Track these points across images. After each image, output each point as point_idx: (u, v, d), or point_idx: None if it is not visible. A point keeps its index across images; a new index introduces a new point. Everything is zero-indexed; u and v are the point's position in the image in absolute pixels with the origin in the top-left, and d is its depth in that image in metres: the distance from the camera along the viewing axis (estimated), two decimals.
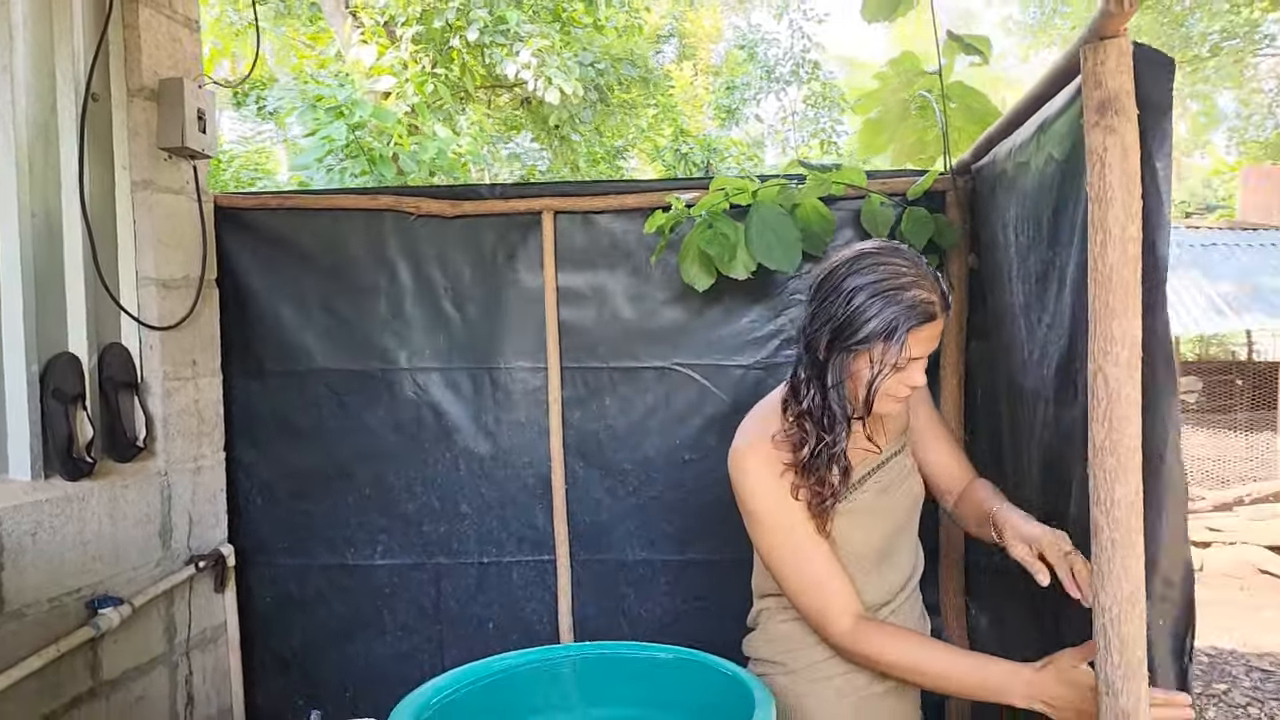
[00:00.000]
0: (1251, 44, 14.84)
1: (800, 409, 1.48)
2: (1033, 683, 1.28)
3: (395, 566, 2.47)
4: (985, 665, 1.36)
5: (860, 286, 1.38)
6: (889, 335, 1.36)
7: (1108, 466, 1.12)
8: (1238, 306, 8.07)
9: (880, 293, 1.37)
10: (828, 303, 1.42)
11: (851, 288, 1.39)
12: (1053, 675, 1.26)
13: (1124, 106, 1.18)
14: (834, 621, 1.43)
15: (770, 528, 1.48)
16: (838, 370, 1.43)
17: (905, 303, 1.36)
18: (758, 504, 1.49)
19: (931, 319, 1.38)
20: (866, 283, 1.38)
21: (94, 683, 1.96)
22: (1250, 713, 4.36)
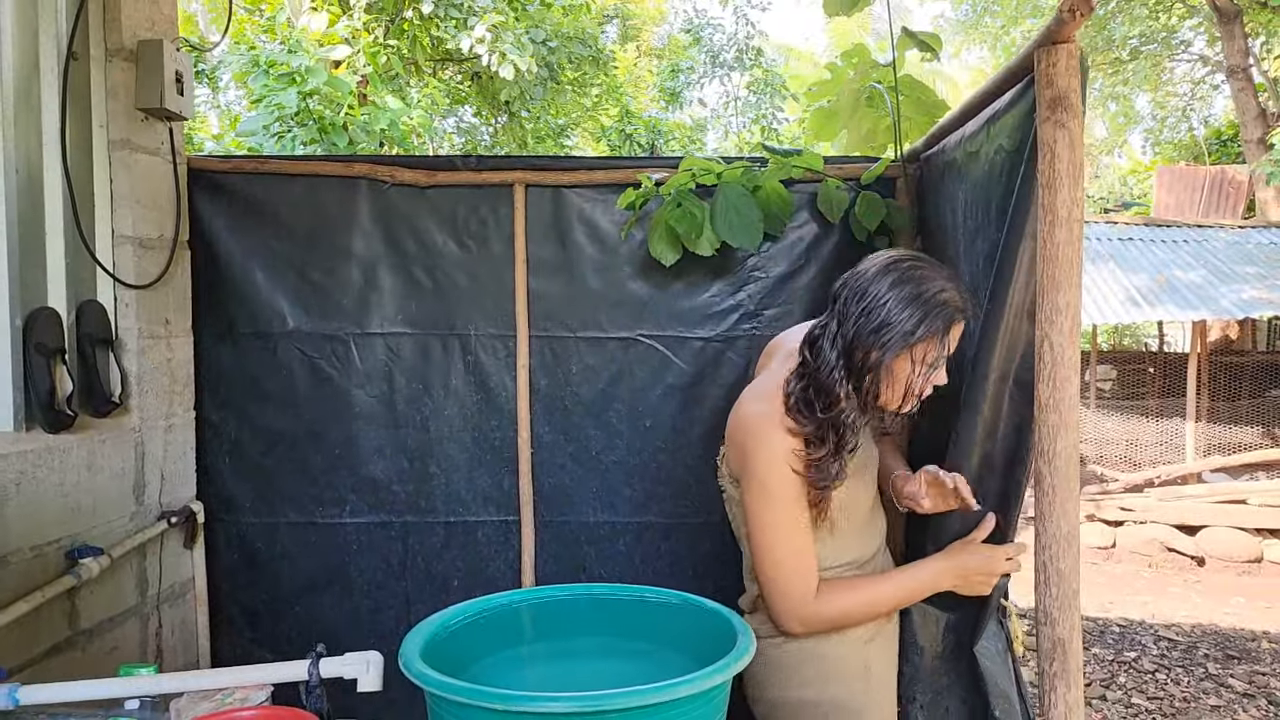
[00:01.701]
0: (1168, 49, 15.53)
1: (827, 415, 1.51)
2: (951, 565, 1.58)
3: (363, 525, 2.54)
4: (916, 571, 1.61)
5: (904, 292, 1.46)
6: (933, 334, 1.46)
7: (1050, 422, 1.28)
8: (1151, 299, 8.51)
9: (923, 296, 1.46)
10: (870, 308, 1.47)
11: (895, 293, 1.47)
12: (960, 551, 1.58)
13: (1072, 104, 1.33)
14: (807, 594, 1.55)
15: (778, 499, 1.53)
16: (878, 373, 1.48)
17: (946, 304, 1.47)
18: (772, 475, 1.53)
19: (965, 318, 1.52)
20: (909, 288, 1.47)
21: (71, 631, 2.00)
22: (1157, 678, 4.70)
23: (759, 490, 1.55)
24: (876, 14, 18.72)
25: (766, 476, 1.53)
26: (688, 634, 1.32)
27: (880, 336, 1.46)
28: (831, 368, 1.51)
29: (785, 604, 1.55)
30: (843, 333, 1.51)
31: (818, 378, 1.53)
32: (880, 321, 1.46)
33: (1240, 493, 7.64)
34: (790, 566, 1.54)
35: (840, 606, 1.58)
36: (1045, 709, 1.23)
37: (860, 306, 1.49)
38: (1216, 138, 16.38)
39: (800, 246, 2.54)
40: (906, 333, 1.45)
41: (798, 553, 1.55)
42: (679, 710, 1.04)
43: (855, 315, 1.49)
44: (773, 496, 1.53)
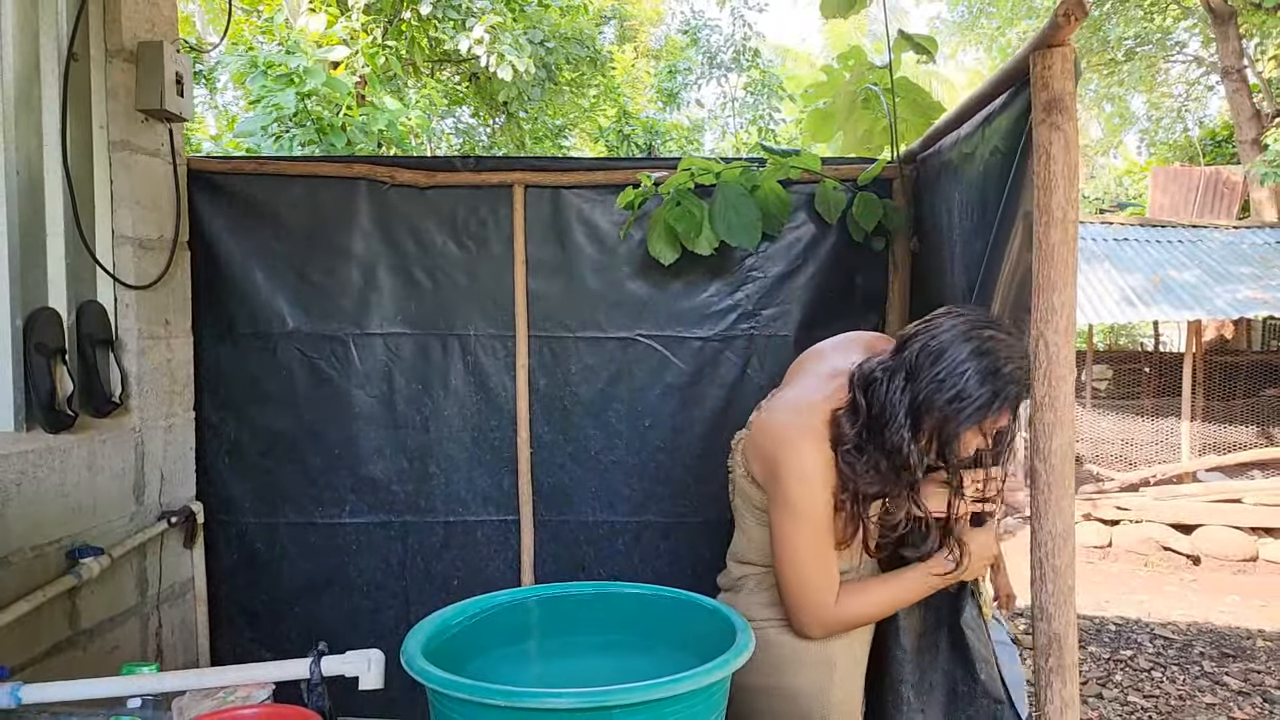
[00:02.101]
0: (1163, 50, 15.57)
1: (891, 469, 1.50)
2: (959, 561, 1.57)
3: (363, 525, 2.54)
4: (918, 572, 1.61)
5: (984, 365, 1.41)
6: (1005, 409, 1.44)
7: (1046, 420, 1.29)
8: (1147, 299, 8.54)
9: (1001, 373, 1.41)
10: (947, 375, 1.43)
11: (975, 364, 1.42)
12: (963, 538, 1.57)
13: (1066, 106, 1.34)
14: (826, 601, 1.57)
15: (805, 515, 1.54)
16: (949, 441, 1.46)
17: (1020, 381, 1.42)
18: (802, 492, 1.53)
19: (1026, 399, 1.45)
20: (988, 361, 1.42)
21: (72, 631, 2.01)
22: (1153, 676, 4.72)
23: (786, 505, 1.55)
24: (873, 15, 18.75)
25: (794, 492, 1.54)
26: (688, 631, 1.33)
27: (955, 407, 1.42)
28: (900, 426, 1.47)
29: (807, 614, 1.58)
30: (913, 390, 1.46)
31: (882, 432, 1.49)
32: (957, 392, 1.42)
33: (1235, 492, 7.67)
34: (813, 578, 1.56)
35: (856, 609, 1.61)
36: (1041, 704, 1.24)
37: (934, 370, 1.44)
38: (1211, 138, 16.43)
39: (798, 246, 2.55)
40: (981, 407, 1.42)
41: (821, 565, 1.56)
42: (680, 705, 1.05)
43: (929, 378, 1.44)
44: (800, 513, 1.54)
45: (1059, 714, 1.23)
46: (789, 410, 1.64)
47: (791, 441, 1.55)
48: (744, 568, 1.76)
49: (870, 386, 1.52)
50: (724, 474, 2.54)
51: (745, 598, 1.73)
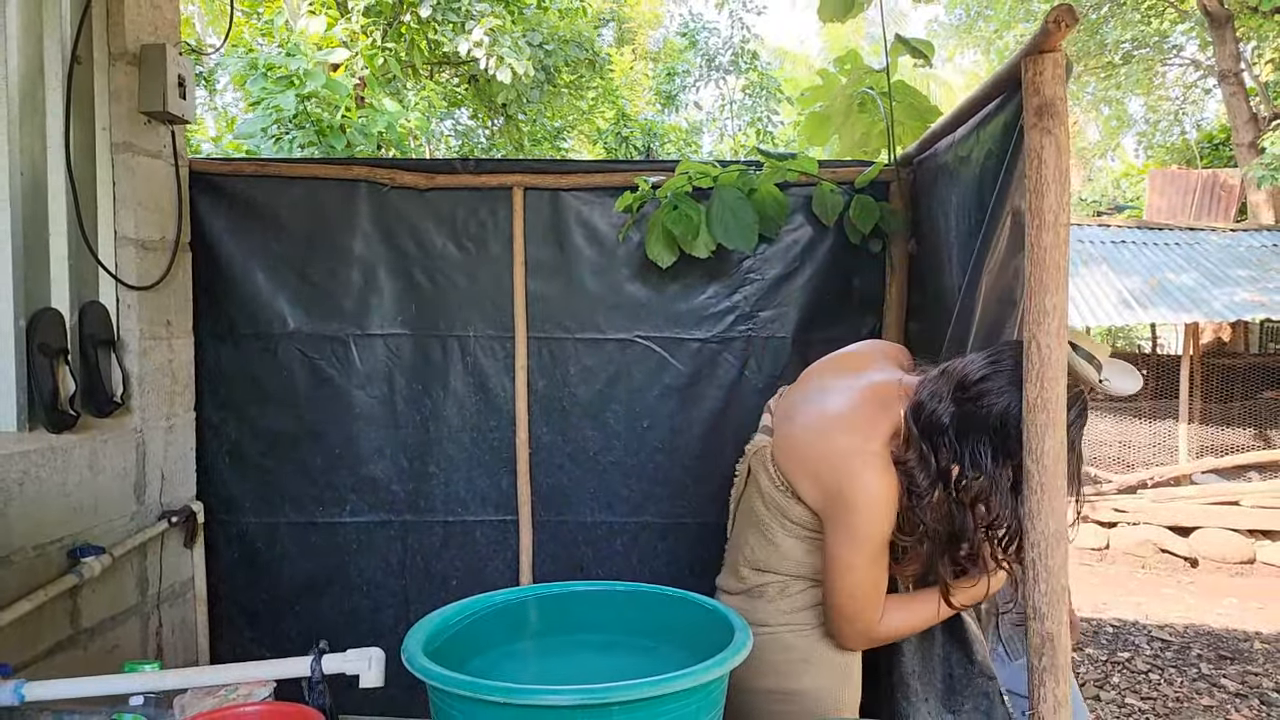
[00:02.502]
0: (1161, 53, 15.61)
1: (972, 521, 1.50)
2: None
3: (363, 524, 2.56)
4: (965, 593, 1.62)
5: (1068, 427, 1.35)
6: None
7: (1038, 421, 1.31)
8: (1144, 301, 8.56)
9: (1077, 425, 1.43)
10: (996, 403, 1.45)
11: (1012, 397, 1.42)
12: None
13: (1058, 111, 1.36)
14: (873, 618, 1.59)
15: (867, 542, 1.54)
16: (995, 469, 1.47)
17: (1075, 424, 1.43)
18: (872, 526, 1.53)
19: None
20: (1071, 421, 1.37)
21: (73, 630, 2.02)
22: (1150, 678, 4.74)
23: (849, 530, 1.55)
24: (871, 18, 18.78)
25: (861, 520, 1.53)
26: (686, 630, 1.34)
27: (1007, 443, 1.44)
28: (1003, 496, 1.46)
29: (855, 630, 1.61)
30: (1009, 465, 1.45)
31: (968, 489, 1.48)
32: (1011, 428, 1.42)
33: (1233, 494, 7.69)
34: (866, 600, 1.58)
35: (897, 624, 1.64)
36: (1035, 703, 1.26)
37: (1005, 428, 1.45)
38: (1208, 141, 16.47)
39: (795, 249, 2.57)
40: None
41: (877, 588, 1.58)
42: (678, 703, 1.07)
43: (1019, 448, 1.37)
44: (863, 540, 1.53)
45: (1052, 713, 1.24)
46: (847, 431, 1.59)
47: (858, 471, 1.53)
48: (765, 575, 1.73)
49: (940, 436, 1.50)
50: (724, 475, 2.55)
51: (765, 605, 1.72)
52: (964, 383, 1.50)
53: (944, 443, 1.49)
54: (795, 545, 1.67)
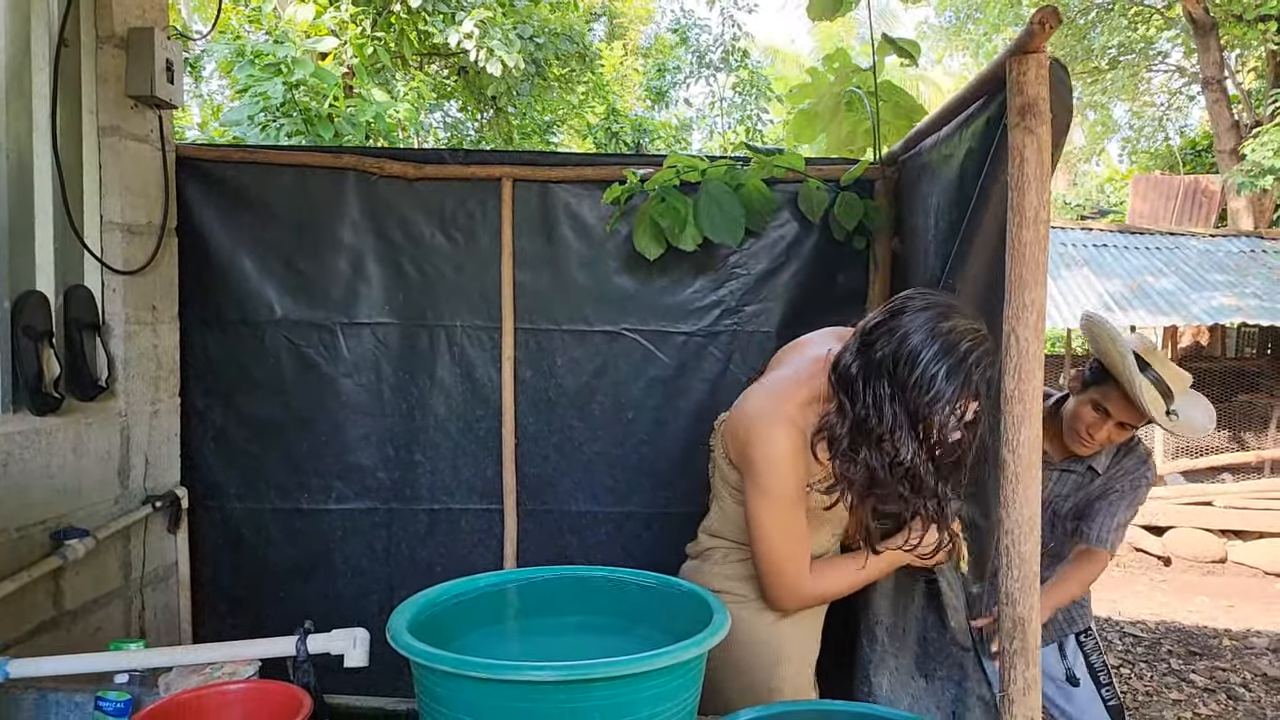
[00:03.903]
0: (1146, 59, 15.74)
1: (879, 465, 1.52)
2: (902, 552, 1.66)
3: (348, 511, 2.57)
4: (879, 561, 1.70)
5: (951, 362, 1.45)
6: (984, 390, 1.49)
7: (1015, 413, 1.34)
8: (1124, 304, 8.65)
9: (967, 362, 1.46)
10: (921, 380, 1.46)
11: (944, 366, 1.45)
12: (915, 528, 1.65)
13: (1040, 111, 1.39)
14: (799, 575, 1.65)
15: (776, 497, 1.60)
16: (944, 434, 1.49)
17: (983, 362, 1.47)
18: (773, 480, 1.59)
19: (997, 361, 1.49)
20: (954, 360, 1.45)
21: (56, 612, 2.02)
22: (1121, 672, 4.81)
23: (757, 488, 1.61)
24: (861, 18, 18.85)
25: (765, 476, 1.59)
26: (666, 613, 1.37)
27: (932, 407, 1.46)
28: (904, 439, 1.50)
29: (781, 588, 1.65)
30: (904, 403, 1.48)
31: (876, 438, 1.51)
32: (935, 393, 1.45)
33: (1207, 495, 7.79)
34: (787, 556, 1.63)
35: (826, 585, 1.69)
36: (1005, 685, 1.29)
37: (913, 378, 1.47)
38: (1191, 148, 16.63)
39: (781, 245, 2.59)
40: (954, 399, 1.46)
41: (792, 541, 1.63)
42: (656, 680, 1.09)
43: (910, 385, 1.47)
44: (771, 495, 1.60)
45: (1022, 694, 1.28)
46: (763, 396, 1.69)
47: (763, 427, 1.60)
48: (714, 540, 1.84)
49: (851, 386, 1.54)
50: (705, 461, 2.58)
51: (710, 567, 1.81)
52: (863, 330, 1.56)
53: (854, 392, 1.53)
54: (738, 511, 1.73)
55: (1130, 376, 2.12)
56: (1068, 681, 2.47)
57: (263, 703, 1.29)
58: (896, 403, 1.49)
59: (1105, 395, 2.21)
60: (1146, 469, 2.38)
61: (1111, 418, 2.22)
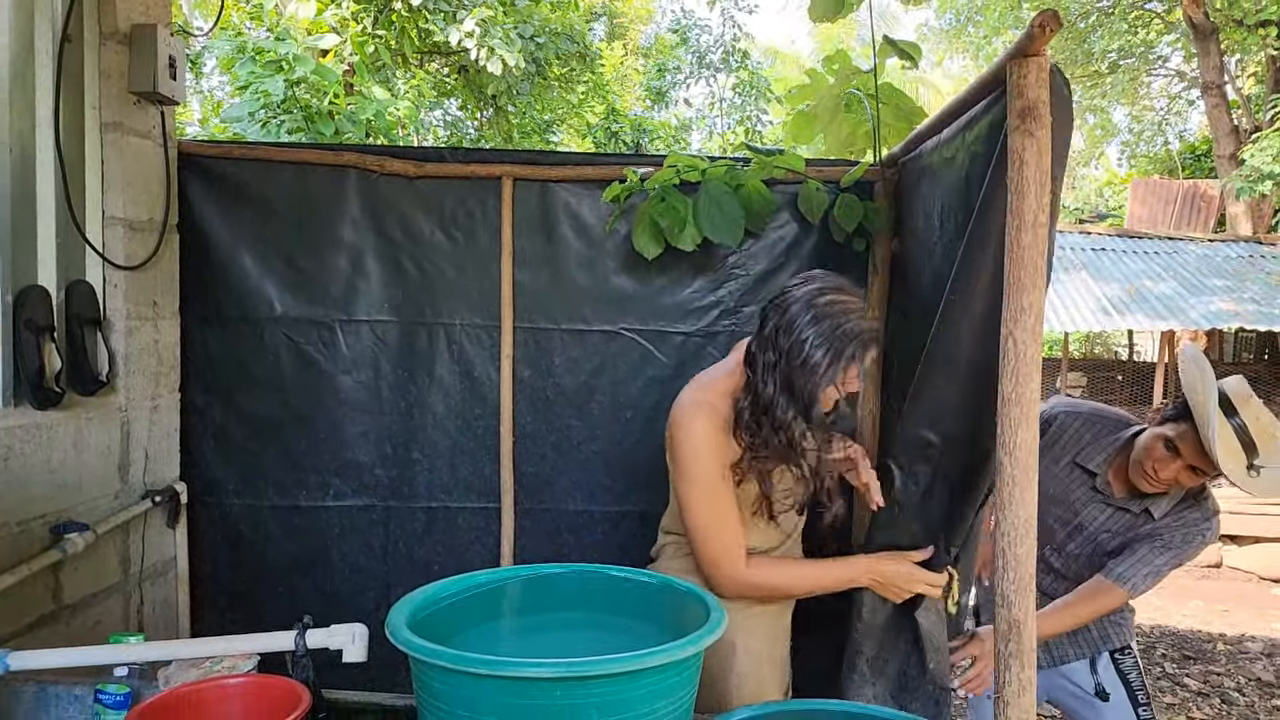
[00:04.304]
0: (1146, 63, 15.79)
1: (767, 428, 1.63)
2: (870, 565, 1.73)
3: (346, 508, 2.57)
4: (840, 563, 1.76)
5: (824, 328, 1.57)
6: (853, 362, 1.59)
7: (1012, 415, 1.34)
8: (1122, 308, 8.67)
9: (840, 330, 1.57)
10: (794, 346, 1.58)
11: (814, 331, 1.57)
12: (889, 559, 1.71)
13: (1040, 114, 1.39)
14: (735, 560, 1.70)
15: (699, 480, 1.69)
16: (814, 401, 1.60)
17: (859, 335, 1.60)
18: (696, 464, 1.68)
19: (877, 341, 1.66)
20: (828, 324, 1.57)
21: (55, 606, 2.03)
22: None
23: (682, 473, 1.70)
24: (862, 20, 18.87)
25: (688, 461, 1.68)
26: (663, 611, 1.37)
27: (808, 373, 1.58)
28: (773, 398, 1.62)
29: (716, 570, 1.70)
30: (780, 370, 1.61)
31: (761, 402, 1.63)
32: (804, 359, 1.58)
33: None
34: (717, 537, 1.69)
35: (766, 577, 1.74)
36: (1000, 686, 1.30)
37: (788, 343, 1.59)
38: (1190, 152, 16.67)
39: (780, 246, 2.60)
40: (829, 365, 1.57)
41: (723, 524, 1.69)
42: (653, 678, 1.10)
43: (785, 351, 1.60)
44: (695, 479, 1.68)
45: (1016, 696, 1.28)
46: (690, 389, 1.77)
47: (685, 417, 1.69)
48: (666, 536, 1.91)
49: (751, 363, 1.66)
50: None
51: (663, 563, 1.88)
52: (761, 310, 1.69)
53: (752, 366, 1.65)
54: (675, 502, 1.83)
55: (1206, 417, 1.94)
56: (1097, 696, 2.34)
57: (262, 697, 1.30)
58: (778, 370, 1.61)
59: (1181, 434, 2.01)
60: (1207, 527, 2.18)
61: (1182, 458, 2.02)
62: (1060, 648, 2.36)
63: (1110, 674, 2.36)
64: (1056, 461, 2.29)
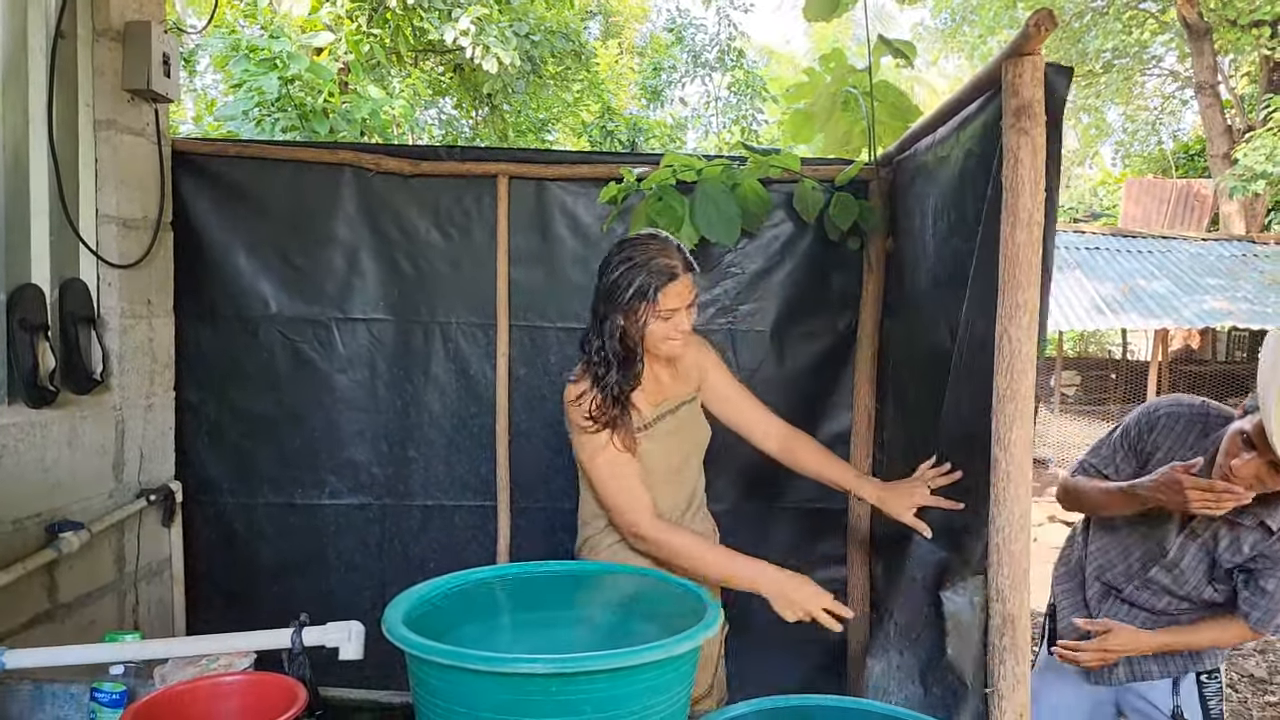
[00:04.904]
0: (1140, 63, 15.81)
1: (588, 359, 1.85)
2: (776, 577, 1.74)
3: (341, 507, 2.57)
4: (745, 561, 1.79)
5: (621, 262, 1.78)
6: (644, 295, 1.76)
7: (1007, 411, 1.35)
8: (1116, 307, 8.69)
9: (635, 264, 1.77)
10: (603, 278, 1.82)
11: (615, 264, 1.79)
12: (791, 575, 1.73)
13: (1035, 113, 1.40)
14: (640, 517, 1.81)
15: (592, 447, 1.84)
16: (611, 327, 1.80)
17: (652, 269, 1.76)
18: (588, 433, 1.83)
19: (674, 278, 1.77)
20: (624, 259, 1.79)
21: (51, 605, 2.02)
22: None
23: (581, 445, 1.87)
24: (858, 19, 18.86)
25: (582, 433, 1.85)
26: (658, 607, 1.37)
27: (610, 300, 1.79)
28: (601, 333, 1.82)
29: (623, 519, 1.83)
30: (600, 311, 1.83)
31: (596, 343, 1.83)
32: (608, 289, 1.79)
33: None
34: (618, 490, 1.84)
35: (669, 539, 1.81)
36: (995, 679, 1.30)
37: (599, 279, 1.82)
38: (1184, 152, 16.71)
39: (776, 244, 2.61)
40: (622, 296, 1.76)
41: (622, 476, 1.84)
42: (648, 674, 1.10)
43: (600, 291, 1.82)
44: (591, 446, 1.84)
45: (1010, 689, 1.29)
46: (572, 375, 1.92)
47: (570, 397, 1.86)
48: (585, 526, 2.01)
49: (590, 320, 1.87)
50: None
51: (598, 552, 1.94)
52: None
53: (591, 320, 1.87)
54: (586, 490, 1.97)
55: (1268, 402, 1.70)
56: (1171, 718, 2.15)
57: (258, 695, 1.30)
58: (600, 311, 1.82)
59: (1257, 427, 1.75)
60: None
61: (1258, 454, 1.76)
62: (1144, 663, 2.13)
63: (1192, 698, 2.14)
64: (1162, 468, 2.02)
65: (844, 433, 2.66)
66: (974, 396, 1.69)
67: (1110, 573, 2.11)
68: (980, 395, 1.66)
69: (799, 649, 2.63)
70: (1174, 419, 2.05)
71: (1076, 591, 2.20)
